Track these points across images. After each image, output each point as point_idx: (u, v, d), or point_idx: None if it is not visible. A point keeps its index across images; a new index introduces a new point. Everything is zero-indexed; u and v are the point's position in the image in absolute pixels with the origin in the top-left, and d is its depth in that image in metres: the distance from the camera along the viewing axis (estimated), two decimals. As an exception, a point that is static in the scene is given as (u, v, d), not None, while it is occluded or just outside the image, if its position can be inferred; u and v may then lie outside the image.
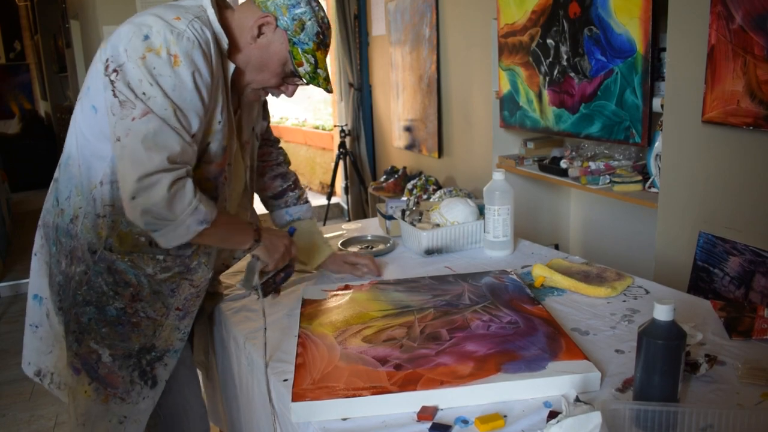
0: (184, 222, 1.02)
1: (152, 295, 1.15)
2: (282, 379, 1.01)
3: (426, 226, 1.62)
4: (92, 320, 1.13)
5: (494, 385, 0.92)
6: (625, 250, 2.53)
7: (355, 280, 1.39)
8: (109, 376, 1.14)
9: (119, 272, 1.12)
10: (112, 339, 1.14)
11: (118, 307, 1.13)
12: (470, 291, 1.26)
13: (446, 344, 1.03)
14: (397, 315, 1.16)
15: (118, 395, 1.16)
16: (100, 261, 1.11)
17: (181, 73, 1.00)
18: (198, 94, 1.02)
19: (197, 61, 1.01)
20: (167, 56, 0.99)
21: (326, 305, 1.23)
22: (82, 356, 1.14)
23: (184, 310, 1.19)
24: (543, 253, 1.58)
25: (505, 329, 1.08)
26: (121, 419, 1.16)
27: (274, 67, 1.11)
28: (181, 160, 1.01)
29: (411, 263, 1.56)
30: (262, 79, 1.13)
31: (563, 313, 1.20)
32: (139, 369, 1.17)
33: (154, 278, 1.14)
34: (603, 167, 2.31)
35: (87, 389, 1.15)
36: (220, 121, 1.09)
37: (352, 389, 0.91)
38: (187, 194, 1.01)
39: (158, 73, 0.99)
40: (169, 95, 0.99)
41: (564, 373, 0.93)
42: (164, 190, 0.97)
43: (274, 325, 1.21)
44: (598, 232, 2.72)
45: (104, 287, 1.12)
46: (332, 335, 1.09)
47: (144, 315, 1.15)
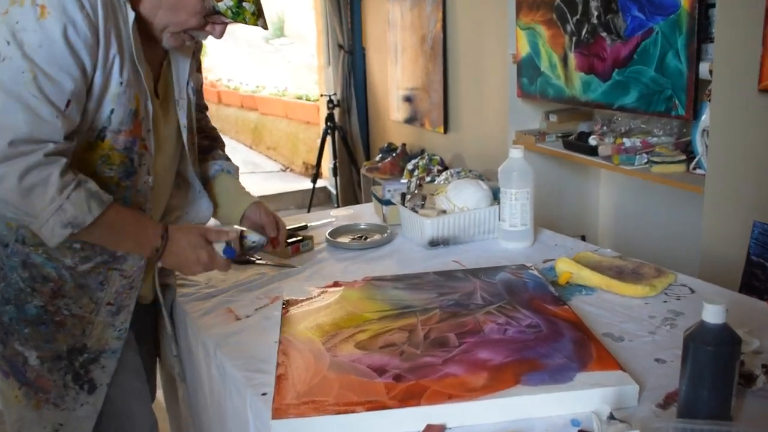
0: (45, 222, 1.02)
1: (77, 289, 1.16)
2: (260, 392, 1.00)
3: (430, 212, 1.62)
4: (13, 320, 1.15)
5: (512, 400, 0.91)
6: (666, 242, 2.53)
7: (344, 277, 1.38)
8: (39, 380, 1.16)
9: (36, 266, 1.13)
10: (36, 340, 1.15)
11: (38, 305, 1.14)
12: (483, 289, 1.26)
13: (455, 351, 1.03)
14: (397, 317, 1.17)
15: (51, 401, 1.18)
16: (14, 255, 1.13)
17: (48, 27, 0.98)
18: (71, 52, 1.01)
19: (71, 12, 1.00)
20: (32, 7, 0.97)
21: (312, 306, 1.23)
22: (8, 359, 1.16)
23: (116, 304, 1.20)
24: (568, 245, 1.58)
25: (524, 334, 1.08)
26: (56, 427, 1.19)
27: (190, 4, 1.11)
28: (38, 138, 0.99)
29: (412, 256, 1.56)
30: (179, 20, 1.13)
31: (593, 315, 1.20)
32: (72, 372, 1.18)
33: (75, 270, 1.15)
34: (639, 144, 2.31)
35: (17, 394, 1.17)
36: (121, 82, 1.08)
37: (344, 404, 0.91)
38: (48, 189, 1.00)
39: (21, 27, 0.97)
40: (29, 55, 0.98)
41: (595, 385, 0.92)
42: (14, 182, 0.97)
43: (250, 330, 1.21)
44: (634, 221, 2.72)
45: (21, 284, 1.13)
46: (320, 341, 1.09)
47: (68, 312, 1.16)
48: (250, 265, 1.51)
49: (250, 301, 1.34)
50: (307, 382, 0.97)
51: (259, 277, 1.45)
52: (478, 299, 1.22)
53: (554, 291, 1.24)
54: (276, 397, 0.94)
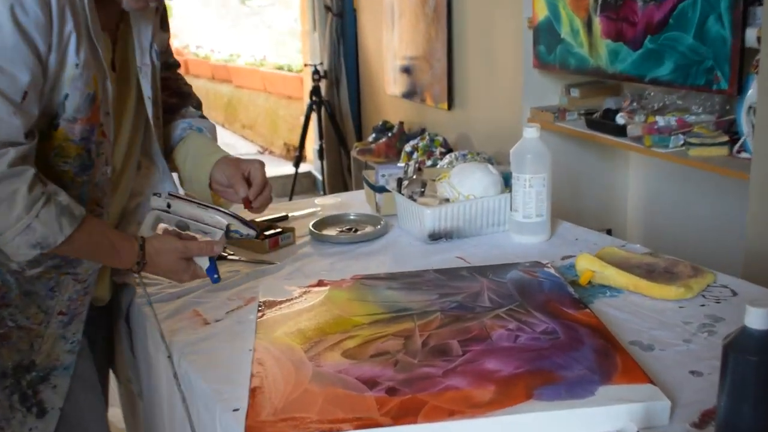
0: (10, 241, 1.04)
1: (23, 297, 1.16)
2: (231, 408, 1.00)
3: (431, 201, 1.62)
4: None
5: (524, 417, 0.91)
6: (704, 236, 2.54)
7: (331, 275, 1.38)
8: None
9: None
10: None
11: None
12: (491, 289, 1.27)
13: (458, 361, 1.03)
14: (391, 321, 1.17)
15: None
16: None
17: None
18: (23, 37, 1.02)
19: None
20: None
21: (292, 308, 1.24)
22: None
23: (69, 313, 1.21)
24: (591, 239, 1.58)
25: (538, 341, 1.08)
26: None
27: None
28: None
29: (410, 252, 1.56)
30: None
31: (619, 320, 1.20)
32: (19, 392, 1.19)
33: (22, 275, 1.15)
34: (675, 123, 2.31)
35: None
36: (77, 63, 1.09)
37: (329, 422, 0.91)
38: (15, 207, 1.02)
39: None
40: None
41: (620, 401, 0.93)
42: None
43: (221, 336, 1.22)
44: (667, 213, 2.73)
45: None
46: (301, 348, 1.09)
47: (13, 324, 1.16)
48: (220, 262, 1.51)
49: (221, 302, 1.34)
50: (286, 396, 0.97)
51: (232, 275, 1.45)
52: (486, 301, 1.22)
53: (574, 292, 1.25)
54: (250, 413, 0.94)
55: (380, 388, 0.98)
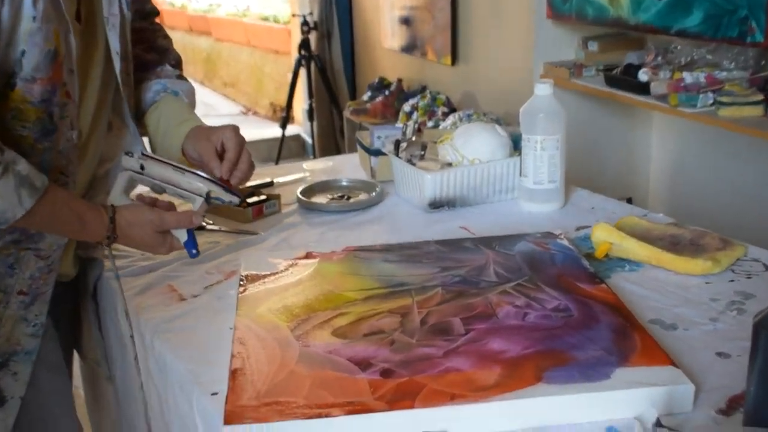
0: None
1: None
2: (210, 392, 1.01)
3: (431, 165, 1.61)
4: None
5: (532, 402, 0.91)
6: (735, 205, 2.54)
7: (320, 247, 1.38)
8: None
9: None
10: None
11: None
12: (498, 262, 1.27)
13: (460, 341, 1.04)
14: (387, 297, 1.17)
15: None
16: None
17: None
18: None
19: None
20: None
21: (278, 283, 1.24)
22: None
23: (31, 293, 1.20)
24: (609, 208, 1.59)
25: (549, 319, 1.09)
26: None
27: None
28: None
29: (408, 221, 1.56)
30: None
31: (639, 296, 1.21)
32: None
33: None
34: (704, 80, 2.30)
35: None
36: (34, 16, 1.07)
37: (317, 406, 0.91)
38: None
39: None
40: None
41: (638, 384, 0.93)
42: None
43: (198, 313, 1.22)
44: (694, 179, 2.73)
45: None
46: (287, 326, 1.09)
47: None
48: (198, 232, 1.51)
49: (199, 276, 1.34)
50: (270, 378, 0.97)
51: (211, 246, 1.45)
52: (491, 275, 1.22)
53: (589, 266, 1.24)
54: (230, 397, 0.94)
55: (374, 370, 0.97)
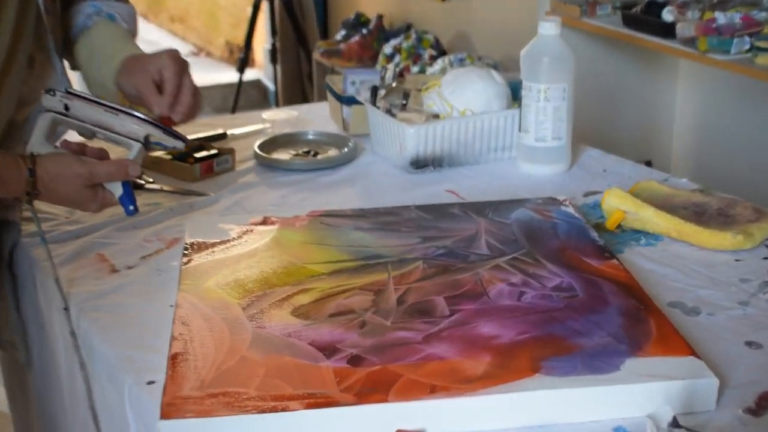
0: None
1: None
2: (145, 380, 1.01)
3: (415, 117, 1.61)
4: None
5: (528, 396, 0.91)
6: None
7: (281, 211, 1.38)
8: None
9: None
10: None
11: None
12: (490, 232, 1.27)
13: (444, 323, 1.04)
14: (358, 271, 1.18)
15: None
16: None
17: None
18: None
19: None
20: None
21: (229, 253, 1.24)
22: None
23: None
24: (624, 171, 1.59)
25: (549, 300, 1.09)
26: None
27: None
28: None
29: (385, 183, 1.57)
30: None
31: (656, 275, 1.21)
32: None
33: None
34: (739, 22, 2.29)
35: None
36: None
37: (272, 399, 0.90)
38: None
39: None
40: None
41: (653, 377, 0.93)
42: None
43: (133, 287, 1.22)
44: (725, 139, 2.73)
45: None
46: (239, 304, 1.10)
47: None
48: (136, 192, 1.49)
49: (135, 244, 1.34)
50: (218, 365, 0.97)
51: (150, 208, 1.45)
52: (483, 247, 1.22)
53: (598, 238, 1.25)
54: (169, 387, 0.93)
55: (341, 356, 0.97)
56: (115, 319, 1.13)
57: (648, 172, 1.62)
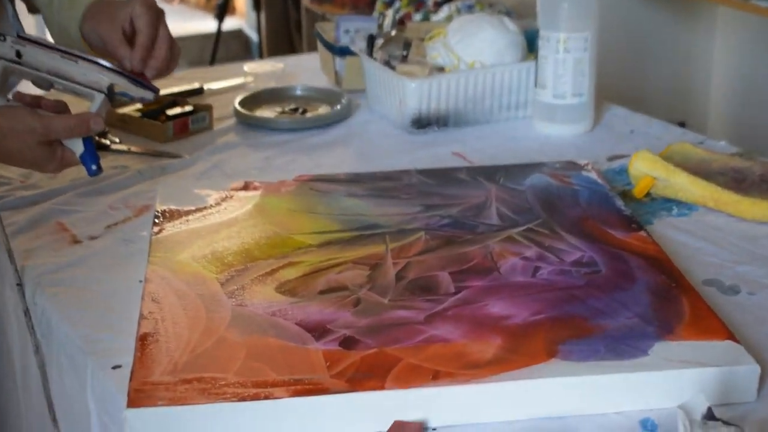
0: None
1: None
2: (110, 364, 1.01)
3: (417, 69, 1.61)
4: None
5: (543, 384, 0.91)
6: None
7: (265, 175, 1.39)
8: None
9: None
10: None
11: None
12: (502, 200, 1.28)
13: (448, 302, 1.04)
14: (352, 243, 1.18)
15: None
16: None
17: None
18: None
19: None
20: None
21: (205, 221, 1.25)
22: None
23: None
24: (654, 132, 1.60)
25: (568, 276, 1.09)
26: None
27: None
28: None
29: (383, 144, 1.59)
30: None
31: (690, 249, 1.22)
32: None
33: None
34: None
35: None
36: None
37: (254, 385, 0.90)
38: None
39: None
40: None
41: (685, 363, 0.92)
42: None
43: (97, 260, 1.22)
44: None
45: None
46: (216, 279, 1.10)
47: None
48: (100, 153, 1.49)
49: (99, 212, 1.34)
50: (192, 347, 0.97)
51: (116, 172, 1.45)
52: (493, 217, 1.23)
53: (624, 207, 1.26)
54: (137, 371, 0.93)
55: (332, 338, 0.97)
56: (76, 295, 1.13)
57: (681, 133, 1.62)
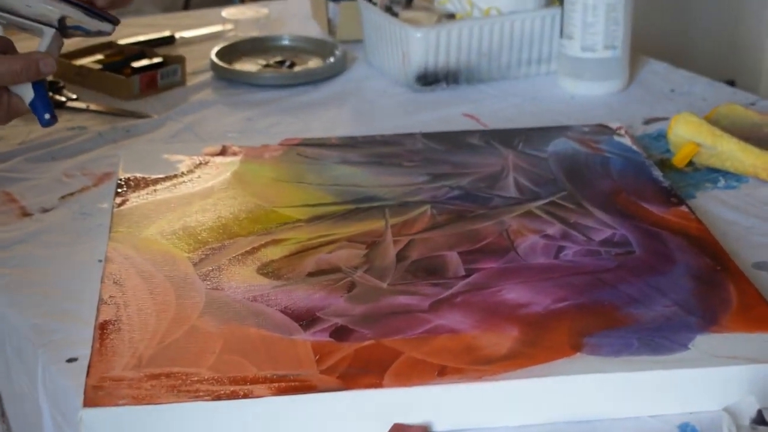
0: None
1: None
2: (64, 357, 1.02)
3: (423, 17, 1.64)
4: None
5: (567, 382, 0.92)
6: None
7: (245, 139, 1.41)
8: None
9: None
10: None
11: None
12: (520, 169, 1.29)
13: (458, 286, 1.04)
14: (346, 218, 1.19)
15: None
16: None
17: None
18: None
19: None
20: None
21: (176, 191, 1.25)
22: None
23: None
24: (698, 91, 1.62)
25: (597, 257, 1.09)
26: None
27: None
28: None
29: (384, 104, 1.60)
30: None
31: (739, 227, 1.22)
32: None
33: None
34: None
35: None
36: None
37: (231, 382, 0.91)
38: None
39: None
40: None
41: (732, 359, 0.93)
42: None
43: (49, 236, 1.23)
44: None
45: None
46: (188, 259, 1.10)
47: None
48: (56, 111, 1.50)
49: (52, 180, 1.35)
50: (160, 337, 0.97)
51: (73, 133, 1.47)
52: (510, 188, 1.23)
53: (663, 178, 1.26)
54: (95, 365, 0.93)
55: (322, 327, 0.97)
56: (26, 277, 1.13)
57: (730, 93, 1.62)
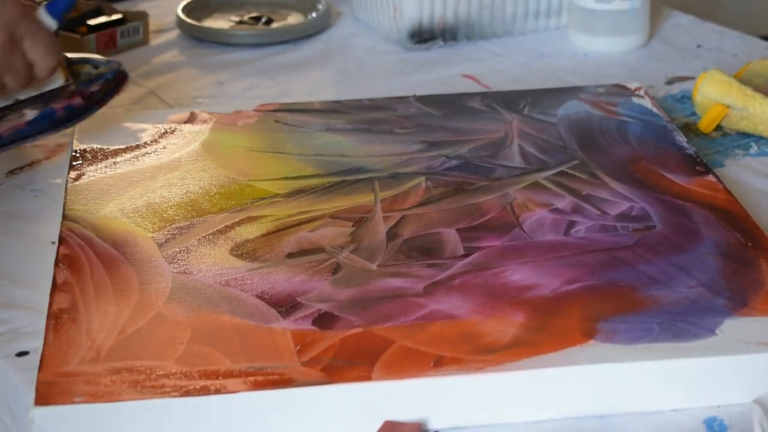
0: None
1: None
2: (14, 351, 1.03)
3: None
4: None
5: (579, 373, 0.92)
6: None
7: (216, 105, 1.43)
8: None
9: None
10: None
11: None
12: (526, 136, 1.30)
13: (455, 267, 1.05)
14: (330, 191, 1.20)
15: None
16: None
17: None
18: None
19: None
20: None
21: (138, 164, 1.26)
22: None
23: None
24: (727, 47, 1.63)
25: (613, 234, 1.10)
26: None
27: None
28: None
29: (373, 64, 1.63)
30: None
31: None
32: None
33: None
34: None
35: None
36: None
37: (201, 376, 0.91)
38: None
39: None
40: None
41: (764, 347, 0.93)
42: None
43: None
44: None
45: None
46: (152, 239, 1.11)
47: None
48: None
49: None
50: (121, 327, 0.97)
51: None
52: (515, 157, 1.24)
53: (687, 144, 1.26)
54: (48, 358, 0.93)
55: (303, 314, 0.97)
56: (-28, 261, 1.16)
57: (763, 48, 1.63)
